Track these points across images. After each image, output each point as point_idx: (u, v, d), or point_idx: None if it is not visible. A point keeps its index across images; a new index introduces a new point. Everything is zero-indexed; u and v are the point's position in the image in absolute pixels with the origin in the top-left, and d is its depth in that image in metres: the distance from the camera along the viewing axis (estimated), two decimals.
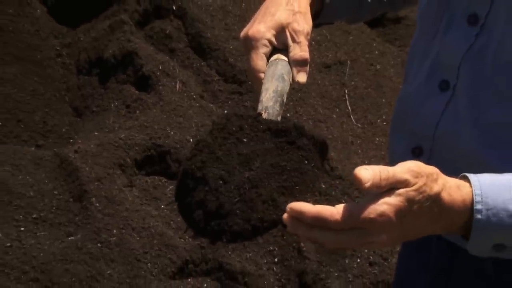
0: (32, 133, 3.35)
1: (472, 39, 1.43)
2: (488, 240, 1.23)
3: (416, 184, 1.12)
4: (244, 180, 1.30)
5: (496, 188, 1.21)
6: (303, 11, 1.54)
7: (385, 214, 1.10)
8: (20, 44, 3.60)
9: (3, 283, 2.52)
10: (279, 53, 1.50)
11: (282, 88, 1.43)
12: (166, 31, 3.56)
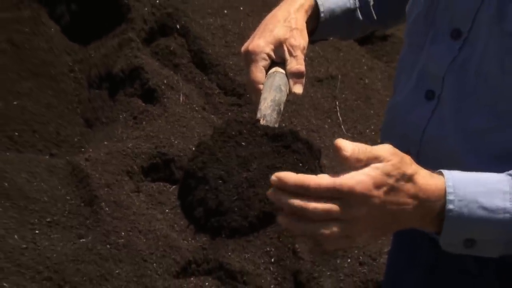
0: (46, 142, 3.35)
1: (456, 52, 1.43)
2: (459, 233, 1.22)
3: (392, 160, 1.13)
4: (242, 180, 1.30)
5: (467, 182, 1.20)
6: (300, 28, 1.55)
7: (364, 181, 1.10)
8: (35, 60, 3.60)
9: (19, 282, 2.52)
10: (277, 66, 1.51)
11: (280, 98, 1.44)
12: (171, 48, 3.56)
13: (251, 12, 3.81)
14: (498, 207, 1.21)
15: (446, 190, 1.19)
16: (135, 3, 3.61)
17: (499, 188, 1.22)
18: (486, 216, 1.21)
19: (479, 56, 1.40)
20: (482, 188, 1.21)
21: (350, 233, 1.15)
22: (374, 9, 1.77)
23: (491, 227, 1.22)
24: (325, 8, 1.67)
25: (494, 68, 1.38)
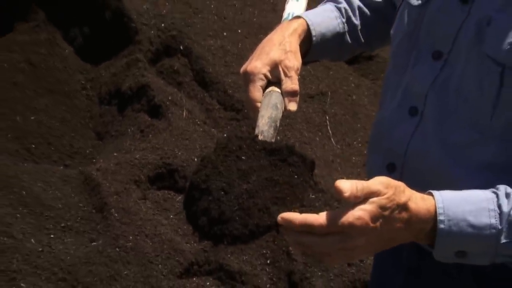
0: (60, 154, 3.35)
1: (437, 72, 1.44)
2: (451, 247, 1.23)
3: (387, 193, 1.14)
4: (242, 191, 1.30)
5: (457, 202, 1.21)
6: (294, 50, 1.56)
7: (362, 217, 1.11)
8: (51, 79, 3.60)
9: (36, 282, 2.52)
10: (273, 86, 1.52)
11: (276, 115, 1.44)
12: (174, 67, 3.56)
13: (248, 34, 3.81)
14: (485, 224, 1.21)
15: (436, 212, 1.19)
16: (142, 26, 3.61)
17: (485, 207, 1.22)
18: (474, 233, 1.21)
19: (458, 75, 1.41)
20: (470, 207, 1.21)
21: (350, 257, 1.18)
22: (362, 33, 1.77)
23: (479, 242, 1.22)
24: (316, 32, 1.67)
25: (472, 87, 1.38)
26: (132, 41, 3.59)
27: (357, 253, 1.16)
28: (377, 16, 1.77)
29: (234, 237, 1.27)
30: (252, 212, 1.27)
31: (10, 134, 3.41)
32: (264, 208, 1.27)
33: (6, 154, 3.28)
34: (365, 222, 1.12)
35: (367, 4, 1.78)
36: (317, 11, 1.73)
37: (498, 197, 1.23)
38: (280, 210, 1.25)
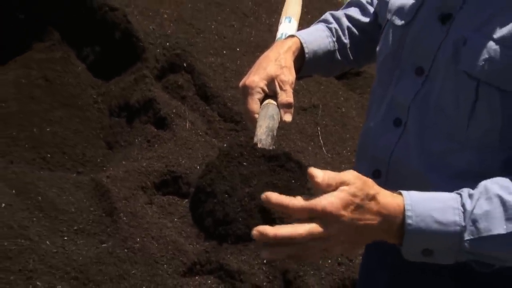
0: (73, 162, 3.35)
1: (419, 86, 1.44)
2: (418, 244, 1.22)
3: (356, 183, 1.14)
4: (244, 194, 1.30)
5: (424, 200, 1.20)
6: (288, 66, 1.56)
7: (333, 202, 1.11)
8: (65, 93, 3.61)
9: (51, 281, 2.52)
10: (269, 99, 1.53)
11: (273, 125, 1.45)
12: (179, 83, 3.56)
13: (246, 52, 3.82)
14: (449, 221, 1.21)
15: (405, 207, 1.19)
16: (149, 45, 3.62)
17: (451, 205, 1.22)
18: (440, 229, 1.20)
19: (438, 90, 1.41)
20: (436, 205, 1.21)
21: (326, 248, 1.17)
22: (351, 51, 1.78)
23: (444, 239, 1.22)
24: (309, 50, 1.67)
25: (450, 100, 1.38)
26: (140, 59, 3.60)
27: (332, 244, 1.15)
28: (365, 36, 1.77)
29: (237, 237, 1.28)
30: (254, 213, 1.27)
31: (27, 144, 3.41)
32: (264, 209, 1.27)
33: (24, 163, 3.28)
34: (336, 207, 1.11)
35: (356, 24, 1.79)
36: (310, 30, 1.74)
37: (461, 197, 1.23)
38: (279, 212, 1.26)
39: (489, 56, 1.32)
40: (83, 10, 3.79)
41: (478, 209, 1.21)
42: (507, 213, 1.21)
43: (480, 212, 1.21)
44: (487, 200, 1.22)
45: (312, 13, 3.36)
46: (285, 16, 1.78)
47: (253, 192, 1.29)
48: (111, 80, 3.64)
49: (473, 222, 1.21)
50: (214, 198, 1.29)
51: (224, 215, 1.26)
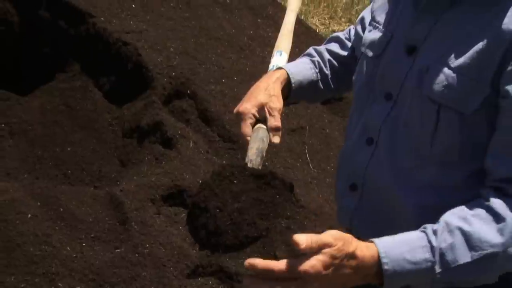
0: (91, 178, 3.35)
1: (388, 110, 1.45)
2: (397, 283, 1.23)
3: (337, 245, 1.13)
4: (234, 209, 1.30)
5: (395, 245, 1.21)
6: (277, 94, 1.57)
7: (315, 266, 1.11)
8: (84, 117, 3.62)
9: (70, 282, 2.52)
10: (260, 123, 1.53)
11: (262, 147, 1.46)
12: (183, 107, 3.57)
13: (242, 81, 3.83)
14: (421, 259, 1.22)
15: (380, 256, 1.19)
16: (157, 75, 3.63)
17: (419, 245, 1.22)
18: (414, 268, 1.21)
19: (405, 113, 1.42)
20: (406, 247, 1.21)
21: None
22: (332, 80, 1.79)
23: (419, 275, 1.23)
24: (295, 80, 1.68)
25: (415, 122, 1.39)
26: (149, 87, 3.61)
27: None
28: (344, 67, 1.79)
29: (227, 247, 1.27)
30: (242, 226, 1.27)
31: (51, 162, 3.42)
32: (252, 222, 1.27)
33: (47, 178, 3.29)
34: (318, 270, 1.11)
35: (335, 57, 1.80)
36: (296, 63, 1.75)
37: (427, 235, 1.23)
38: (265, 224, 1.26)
39: (448, 83, 1.34)
40: (100, 45, 3.81)
41: (443, 244, 1.22)
42: (469, 243, 1.22)
43: (445, 246, 1.22)
44: (449, 233, 1.23)
45: (299, 47, 3.37)
46: (277, 50, 1.80)
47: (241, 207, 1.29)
48: (124, 106, 3.65)
49: (441, 256, 1.22)
50: (207, 213, 1.29)
51: (215, 227, 1.27)
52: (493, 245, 1.21)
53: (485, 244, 1.21)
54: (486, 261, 1.22)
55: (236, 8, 4.61)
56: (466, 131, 1.32)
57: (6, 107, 3.63)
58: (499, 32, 1.27)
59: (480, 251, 1.21)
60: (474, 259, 1.21)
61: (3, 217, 2.60)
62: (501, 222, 1.22)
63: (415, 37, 1.41)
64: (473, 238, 1.21)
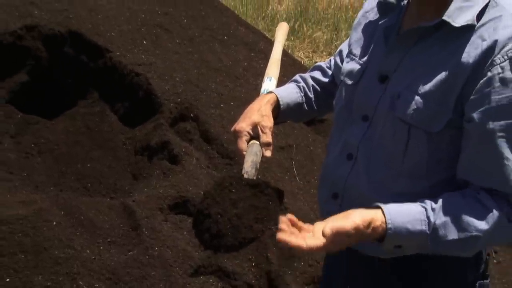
0: (108, 190, 3.35)
1: (365, 130, 1.45)
2: (393, 243, 1.26)
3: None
4: (233, 214, 1.30)
5: (399, 214, 1.24)
6: (268, 115, 1.58)
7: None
8: (101, 138, 3.63)
9: (90, 281, 2.51)
10: (254, 140, 1.53)
11: (256, 160, 1.46)
12: (187, 129, 3.58)
13: (238, 106, 3.84)
14: (418, 230, 1.25)
15: (386, 222, 1.23)
16: (164, 101, 3.64)
17: (418, 218, 1.26)
18: (411, 236, 1.25)
19: (379, 132, 1.42)
20: (408, 218, 1.24)
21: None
22: (315, 103, 1.80)
23: (414, 241, 1.26)
24: (283, 102, 1.69)
25: (389, 140, 1.39)
26: (158, 111, 3.62)
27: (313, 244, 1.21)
28: (325, 92, 1.79)
29: (227, 247, 1.27)
30: (241, 229, 1.27)
31: (73, 176, 3.41)
32: (248, 226, 1.27)
33: (70, 191, 3.28)
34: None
35: (318, 83, 1.81)
36: (284, 88, 1.77)
37: (426, 210, 1.26)
38: (260, 227, 1.26)
39: (417, 107, 1.34)
40: (116, 75, 3.82)
41: (438, 221, 1.25)
42: (459, 225, 1.25)
43: (439, 223, 1.25)
44: (444, 213, 1.26)
45: (287, 76, 3.40)
46: (267, 76, 1.81)
47: (240, 213, 1.29)
48: (136, 128, 3.65)
49: (434, 230, 1.25)
50: (210, 218, 1.29)
51: (217, 230, 1.27)
52: (478, 230, 1.25)
53: (472, 227, 1.25)
54: (469, 241, 1.26)
55: (232, 44, 4.63)
56: (432, 148, 1.32)
57: (36, 130, 3.62)
58: (459, 64, 1.28)
59: (467, 232, 1.25)
60: (460, 238, 1.25)
61: (32, 225, 2.58)
62: (488, 213, 1.25)
63: (386, 68, 1.42)
64: (463, 221, 1.25)
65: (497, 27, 1.26)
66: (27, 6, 3.97)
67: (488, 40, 1.26)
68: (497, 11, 1.28)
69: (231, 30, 4.82)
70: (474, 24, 1.29)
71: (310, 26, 9.33)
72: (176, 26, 4.43)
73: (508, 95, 1.23)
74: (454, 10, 1.30)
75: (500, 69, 1.24)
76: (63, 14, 4.01)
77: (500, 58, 1.24)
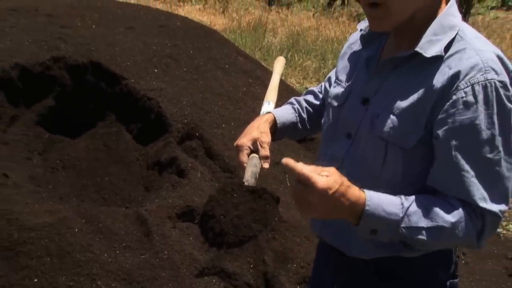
0: (123, 201, 3.35)
1: (349, 146, 1.46)
2: (369, 224, 1.23)
3: (338, 176, 1.20)
4: (234, 216, 1.31)
5: (378, 196, 1.24)
6: (266, 132, 1.60)
7: (322, 180, 1.17)
8: (118, 155, 3.64)
9: (107, 281, 2.50)
10: (254, 153, 1.55)
11: (256, 170, 1.48)
12: (193, 146, 3.59)
13: (237, 126, 3.86)
14: (392, 212, 1.25)
15: (365, 199, 1.22)
16: (173, 122, 3.66)
17: (394, 202, 1.26)
18: (386, 216, 1.24)
19: (361, 147, 1.43)
20: (386, 201, 1.24)
21: (305, 208, 1.20)
22: (308, 123, 1.81)
23: (387, 223, 1.24)
24: (280, 121, 1.70)
25: (369, 154, 1.40)
26: (167, 131, 3.63)
27: (309, 209, 1.18)
28: (316, 113, 1.81)
29: (229, 244, 1.28)
30: (241, 228, 1.28)
31: (93, 189, 3.41)
32: (248, 225, 1.28)
33: (90, 201, 3.28)
34: (324, 184, 1.14)
35: (311, 105, 1.83)
36: (280, 109, 1.79)
37: (401, 199, 1.26)
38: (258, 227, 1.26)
39: (393, 126, 1.36)
40: (130, 99, 3.84)
41: (411, 209, 1.25)
42: (429, 214, 1.26)
43: (412, 210, 1.25)
44: (417, 205, 1.26)
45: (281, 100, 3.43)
46: (266, 100, 1.83)
47: (240, 214, 1.30)
48: (148, 145, 3.66)
49: (407, 215, 1.25)
50: (214, 218, 1.30)
51: (220, 230, 1.27)
52: (444, 221, 1.25)
53: (440, 218, 1.25)
54: (436, 230, 1.26)
55: (233, 72, 4.67)
56: (407, 162, 1.34)
57: (60, 148, 3.64)
58: (430, 89, 1.30)
59: (435, 222, 1.25)
60: (428, 226, 1.25)
61: (57, 231, 2.58)
62: (454, 209, 1.27)
63: (368, 91, 1.44)
64: (433, 212, 1.25)
65: (462, 58, 1.29)
66: (55, 40, 4.03)
67: (454, 68, 1.29)
68: (462, 45, 1.32)
69: (231, 60, 4.86)
70: (442, 55, 1.31)
71: (301, 56, 9.40)
72: (183, 57, 4.47)
73: (469, 116, 1.26)
74: (425, 43, 1.33)
75: (463, 94, 1.26)
76: (86, 47, 4.05)
77: (463, 84, 1.27)
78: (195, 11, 13.81)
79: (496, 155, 1.25)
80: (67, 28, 4.30)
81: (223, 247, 1.29)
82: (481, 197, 1.25)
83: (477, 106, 1.25)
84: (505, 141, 1.26)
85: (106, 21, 4.65)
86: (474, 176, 1.25)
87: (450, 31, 1.33)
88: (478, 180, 1.25)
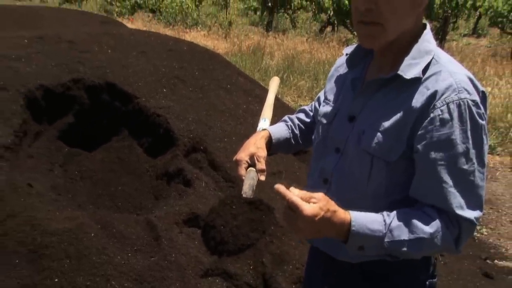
0: (134, 208, 3.35)
1: (337, 160, 1.46)
2: (356, 242, 1.23)
3: (324, 201, 1.19)
4: (233, 226, 1.31)
5: (362, 216, 1.23)
6: (262, 147, 1.60)
7: (308, 208, 1.15)
8: (130, 167, 3.64)
9: (120, 282, 2.50)
10: (251, 167, 1.55)
11: (253, 183, 1.49)
12: (198, 158, 3.59)
13: (238, 140, 3.86)
14: (376, 229, 1.27)
15: (351, 221, 1.22)
16: (180, 136, 3.66)
17: (377, 219, 1.26)
18: (370, 234, 1.24)
19: (349, 161, 1.43)
20: (369, 219, 1.24)
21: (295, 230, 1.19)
22: (300, 138, 1.82)
23: (372, 239, 1.25)
24: (275, 137, 1.71)
25: (356, 168, 1.40)
26: (174, 145, 3.64)
27: (300, 229, 1.18)
28: (307, 129, 1.82)
29: (229, 252, 1.28)
30: (240, 238, 1.28)
31: (107, 197, 3.41)
32: (246, 235, 1.28)
33: (105, 209, 3.28)
34: (309, 213, 1.14)
35: (302, 122, 1.83)
36: (275, 126, 1.79)
37: (383, 216, 1.26)
38: (256, 235, 1.26)
39: (378, 141, 1.36)
40: (141, 116, 3.86)
41: (393, 224, 1.25)
42: (409, 227, 1.25)
43: (394, 225, 1.25)
44: (398, 219, 1.26)
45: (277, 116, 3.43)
46: (262, 118, 1.83)
47: (239, 224, 1.30)
48: (157, 158, 3.67)
49: (390, 231, 1.25)
50: (215, 229, 1.30)
51: (220, 238, 1.28)
52: (424, 232, 1.25)
53: (420, 230, 1.25)
54: (417, 242, 1.25)
55: (234, 91, 4.69)
56: (390, 174, 1.34)
57: (79, 160, 3.65)
58: (410, 107, 1.31)
59: (415, 234, 1.25)
60: (410, 238, 1.24)
61: (75, 236, 2.58)
62: (432, 221, 1.27)
63: (354, 110, 1.45)
64: (413, 225, 1.25)
65: (438, 80, 1.31)
66: (75, 64, 4.07)
67: (431, 89, 1.30)
68: (438, 67, 1.34)
69: (233, 80, 4.88)
70: (421, 77, 1.33)
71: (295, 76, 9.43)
72: (189, 77, 4.49)
73: (445, 132, 1.27)
74: (405, 66, 1.35)
75: (440, 111, 1.28)
76: (102, 70, 4.08)
77: (440, 103, 1.28)
78: (200, 37, 13.90)
79: (470, 167, 1.26)
80: (86, 53, 4.34)
81: (223, 254, 1.29)
82: (458, 205, 1.26)
83: (452, 123, 1.26)
84: (478, 154, 1.27)
85: (121, 47, 4.68)
86: (451, 186, 1.26)
87: (427, 55, 1.35)
88: (456, 189, 1.26)
